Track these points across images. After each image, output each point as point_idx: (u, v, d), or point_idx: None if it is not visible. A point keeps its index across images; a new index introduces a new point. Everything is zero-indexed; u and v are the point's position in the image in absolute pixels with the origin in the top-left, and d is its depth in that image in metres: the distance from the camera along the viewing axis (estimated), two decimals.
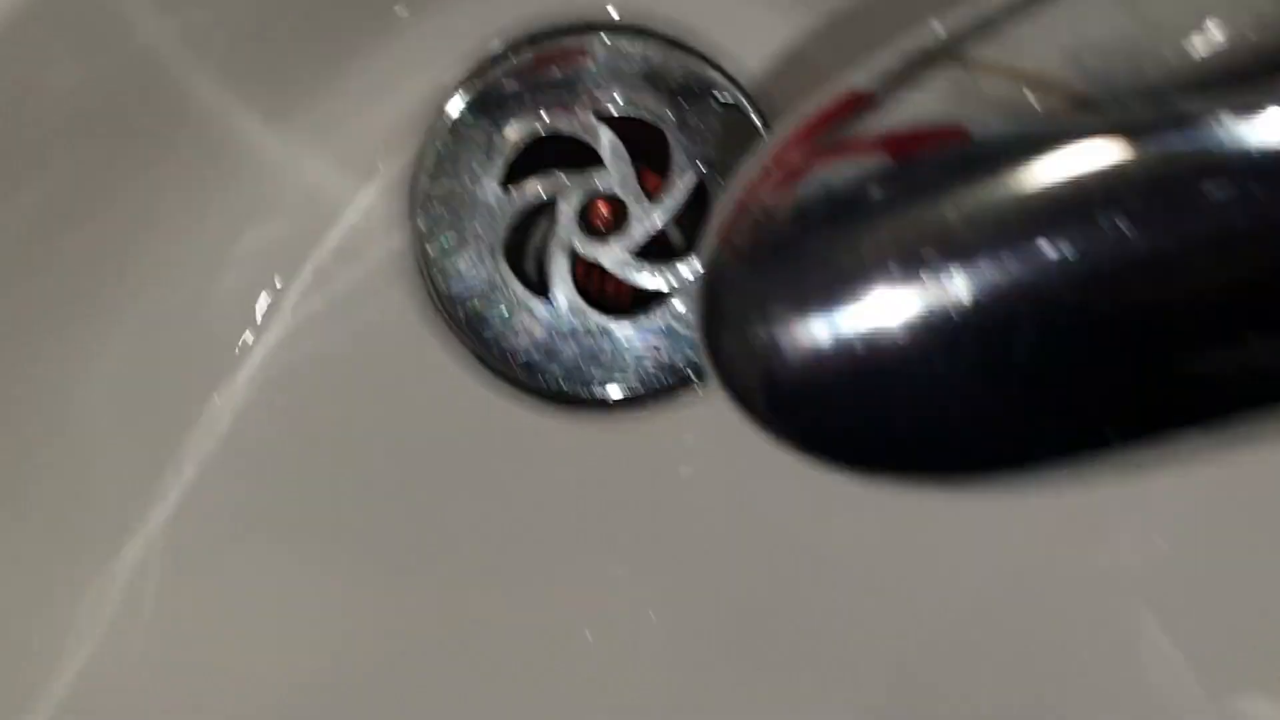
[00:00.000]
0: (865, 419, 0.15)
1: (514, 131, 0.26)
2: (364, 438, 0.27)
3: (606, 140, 0.26)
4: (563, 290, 0.26)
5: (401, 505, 0.27)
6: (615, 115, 0.26)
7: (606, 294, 0.27)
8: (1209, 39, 0.14)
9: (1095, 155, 0.14)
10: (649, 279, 0.26)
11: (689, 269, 0.26)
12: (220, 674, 0.26)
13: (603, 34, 0.25)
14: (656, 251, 0.26)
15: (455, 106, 0.25)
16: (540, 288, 0.26)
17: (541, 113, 0.25)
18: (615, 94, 0.26)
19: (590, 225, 0.26)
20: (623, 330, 0.26)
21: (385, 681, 0.27)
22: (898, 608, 0.27)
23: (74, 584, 0.25)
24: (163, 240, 0.24)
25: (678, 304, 0.26)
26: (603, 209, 0.26)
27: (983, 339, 0.14)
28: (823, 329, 0.15)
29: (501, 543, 0.27)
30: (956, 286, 0.14)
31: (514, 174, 0.26)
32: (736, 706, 0.27)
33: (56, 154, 0.22)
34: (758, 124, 0.25)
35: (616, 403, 0.26)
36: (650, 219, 0.26)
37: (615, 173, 0.26)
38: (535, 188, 0.26)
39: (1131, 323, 0.14)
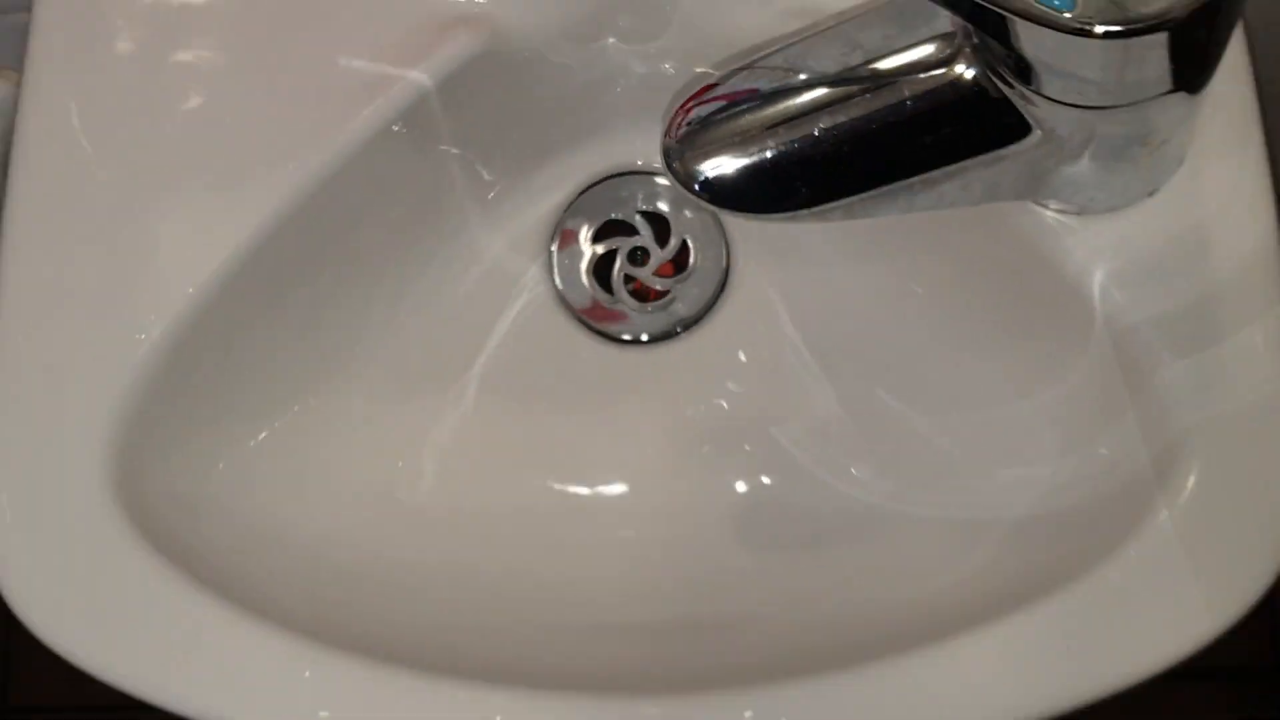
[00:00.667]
0: (731, 192, 0.40)
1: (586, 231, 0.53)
2: (526, 370, 0.51)
3: (640, 222, 0.52)
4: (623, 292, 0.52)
5: (525, 419, 0.51)
6: (646, 209, 0.52)
7: (638, 291, 0.52)
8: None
9: (806, 92, 0.39)
10: (659, 285, 0.52)
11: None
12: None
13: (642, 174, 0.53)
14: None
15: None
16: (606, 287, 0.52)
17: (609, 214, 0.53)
18: (642, 201, 0.53)
19: (634, 259, 0.52)
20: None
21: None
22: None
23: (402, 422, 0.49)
24: (431, 256, 0.51)
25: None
26: (640, 253, 0.52)
27: (806, 160, 0.39)
28: (711, 165, 0.40)
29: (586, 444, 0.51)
30: (760, 146, 0.39)
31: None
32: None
33: (384, 207, 0.49)
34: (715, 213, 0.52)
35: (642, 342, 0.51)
36: (661, 257, 0.52)
37: (645, 236, 0.52)
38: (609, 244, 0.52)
39: (847, 143, 0.38)
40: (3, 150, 0.59)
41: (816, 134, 0.37)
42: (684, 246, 0.52)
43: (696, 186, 0.38)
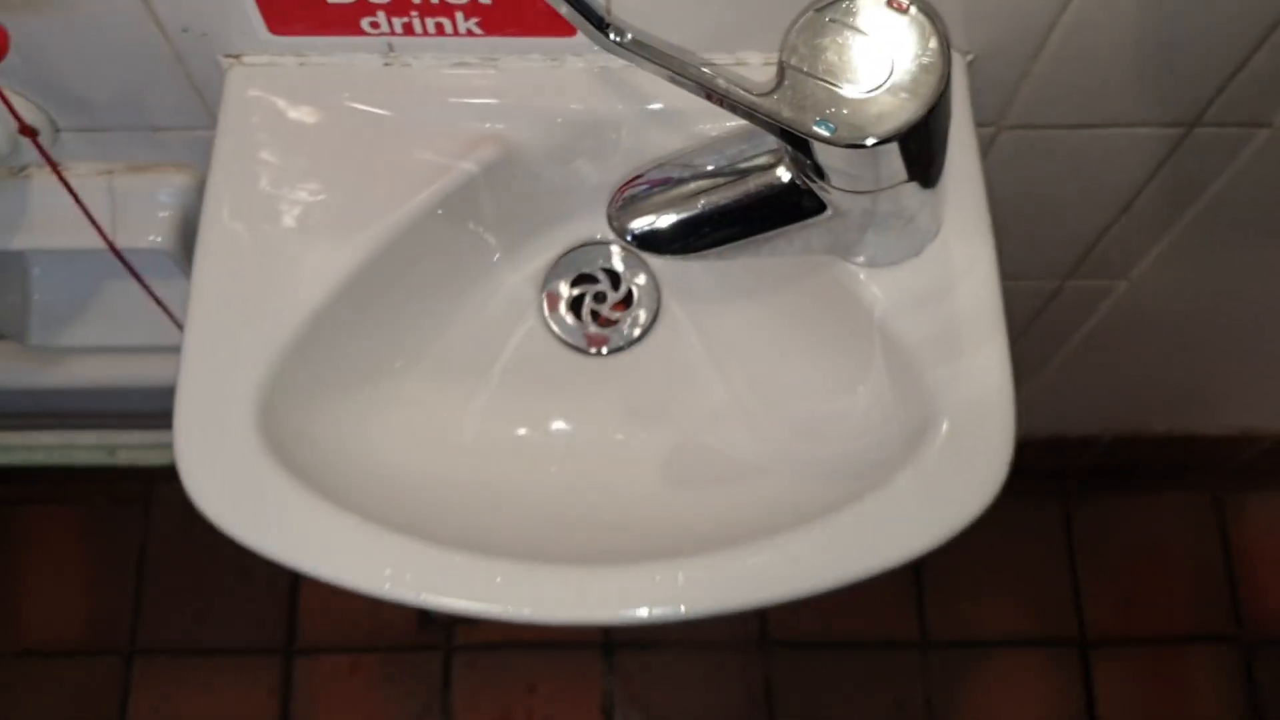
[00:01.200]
0: (649, 240, 0.52)
1: (566, 281, 0.65)
2: (532, 368, 0.63)
3: (601, 274, 0.65)
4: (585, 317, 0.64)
5: (535, 399, 0.63)
6: (605, 267, 0.65)
7: (600, 320, 0.64)
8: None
9: (695, 181, 0.53)
10: (614, 316, 0.64)
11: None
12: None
13: (601, 244, 0.66)
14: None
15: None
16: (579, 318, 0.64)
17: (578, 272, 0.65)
18: (602, 261, 0.65)
19: (597, 299, 0.65)
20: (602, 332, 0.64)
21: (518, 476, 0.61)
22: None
23: (447, 397, 0.60)
24: (461, 295, 0.63)
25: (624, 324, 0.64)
26: (601, 295, 0.64)
27: (694, 221, 0.51)
28: (637, 221, 0.52)
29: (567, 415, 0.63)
30: (668, 212, 0.52)
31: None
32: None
33: (435, 255, 0.61)
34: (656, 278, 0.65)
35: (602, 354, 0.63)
36: (615, 298, 0.64)
37: (605, 284, 0.65)
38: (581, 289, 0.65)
39: (718, 213, 0.51)
40: (182, 216, 0.71)
41: (701, 206, 0.50)
42: (630, 291, 0.64)
43: (628, 237, 0.51)
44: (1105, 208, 0.74)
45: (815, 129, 0.43)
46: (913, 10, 0.44)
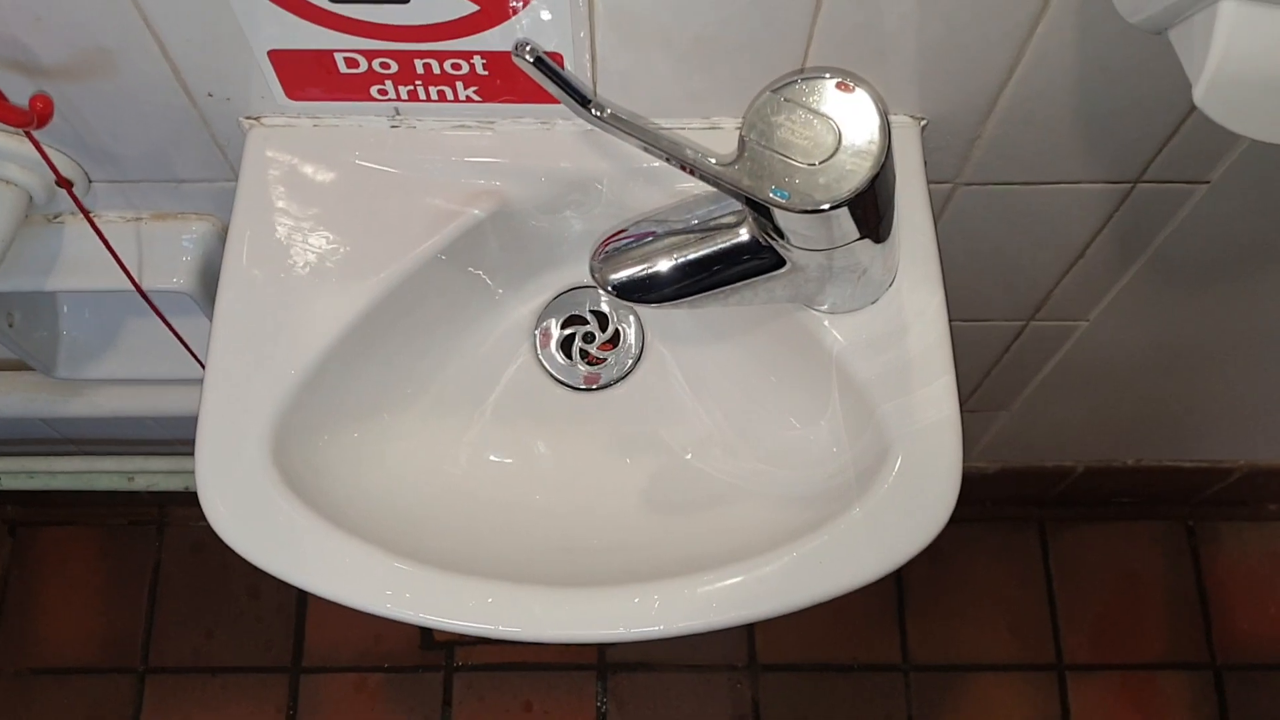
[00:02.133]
0: (628, 289, 0.56)
1: (557, 322, 0.70)
2: (518, 404, 0.68)
3: (590, 316, 0.70)
4: (578, 359, 0.69)
5: (520, 430, 0.67)
6: (594, 309, 0.70)
7: (589, 359, 0.69)
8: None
9: (670, 238, 0.58)
10: (601, 355, 0.69)
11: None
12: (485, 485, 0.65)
13: (589, 288, 0.71)
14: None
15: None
16: (569, 357, 0.69)
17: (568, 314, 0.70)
18: (590, 304, 0.70)
19: (586, 339, 0.69)
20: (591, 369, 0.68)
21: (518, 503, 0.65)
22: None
23: (446, 427, 0.65)
24: (459, 335, 0.68)
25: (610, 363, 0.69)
26: (589, 335, 0.69)
27: (667, 275, 0.56)
28: (617, 274, 0.57)
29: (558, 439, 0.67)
30: (645, 265, 0.57)
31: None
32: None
33: (438, 295, 0.66)
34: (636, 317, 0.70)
35: (590, 389, 0.68)
36: (602, 338, 0.69)
37: (593, 325, 0.70)
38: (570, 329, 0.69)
39: (689, 267, 0.56)
40: (203, 260, 0.76)
41: (674, 261, 0.55)
42: (617, 331, 0.69)
43: (609, 287, 0.56)
44: (1060, 255, 0.79)
45: (772, 196, 0.48)
46: (859, 90, 0.49)
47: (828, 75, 0.49)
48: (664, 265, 0.54)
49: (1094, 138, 0.65)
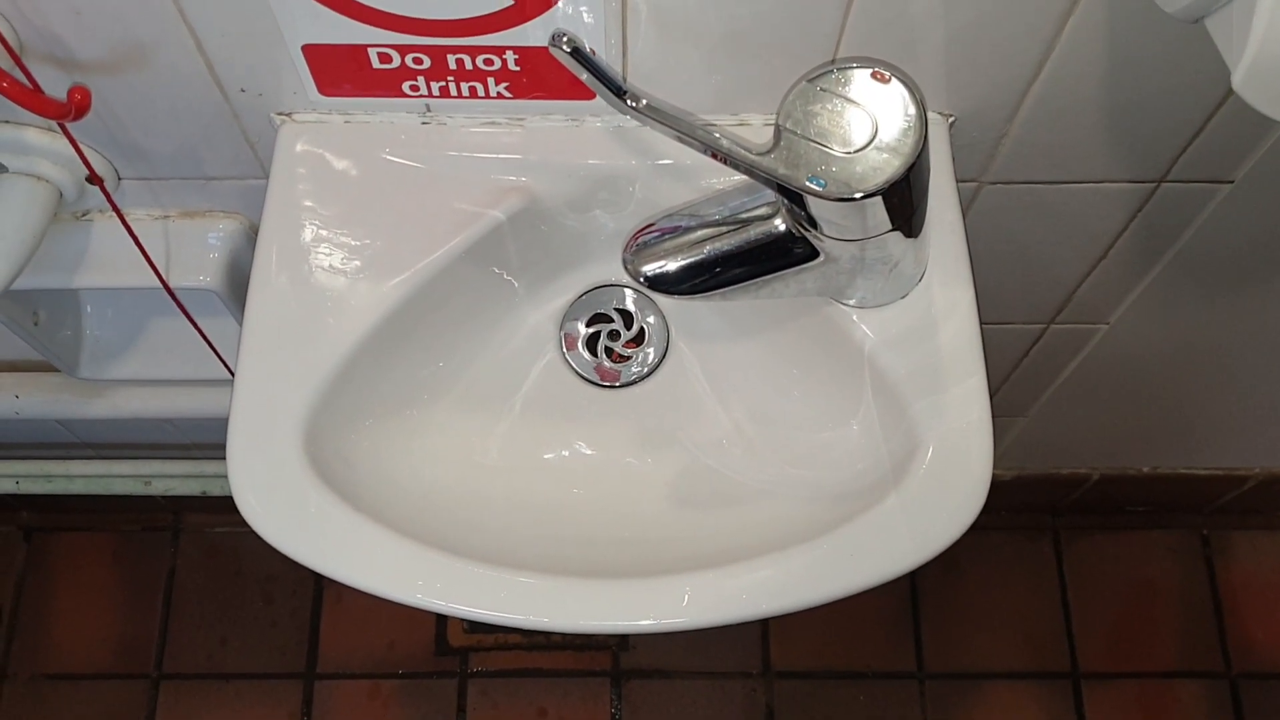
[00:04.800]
0: (660, 281, 0.56)
1: (582, 320, 0.70)
2: (542, 401, 0.68)
3: (615, 314, 0.70)
4: (604, 356, 0.68)
5: (542, 428, 0.67)
6: (619, 307, 0.70)
7: (614, 356, 0.69)
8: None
9: (702, 230, 0.57)
10: (626, 352, 0.69)
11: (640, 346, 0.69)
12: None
13: (615, 286, 0.70)
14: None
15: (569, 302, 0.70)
16: (595, 354, 0.68)
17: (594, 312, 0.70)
18: (616, 302, 0.70)
19: (611, 337, 0.69)
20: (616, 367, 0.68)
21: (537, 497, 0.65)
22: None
23: (476, 421, 0.65)
24: (486, 332, 0.68)
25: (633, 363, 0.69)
26: (614, 333, 0.69)
27: (699, 265, 0.56)
28: (649, 266, 0.57)
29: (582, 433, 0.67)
30: (677, 257, 0.57)
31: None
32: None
33: (466, 294, 0.66)
34: (666, 318, 0.70)
35: (615, 386, 0.68)
36: (628, 336, 0.69)
37: (618, 323, 0.70)
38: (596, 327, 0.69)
39: (722, 258, 0.56)
40: (230, 258, 0.76)
41: (706, 252, 0.55)
42: (642, 329, 0.69)
43: (640, 279, 0.56)
44: (1083, 257, 0.79)
45: (808, 184, 0.48)
46: (894, 80, 0.49)
47: (863, 65, 0.49)
48: (697, 257, 0.54)
49: (1120, 135, 0.65)
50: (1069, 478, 1.21)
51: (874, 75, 0.48)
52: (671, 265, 0.54)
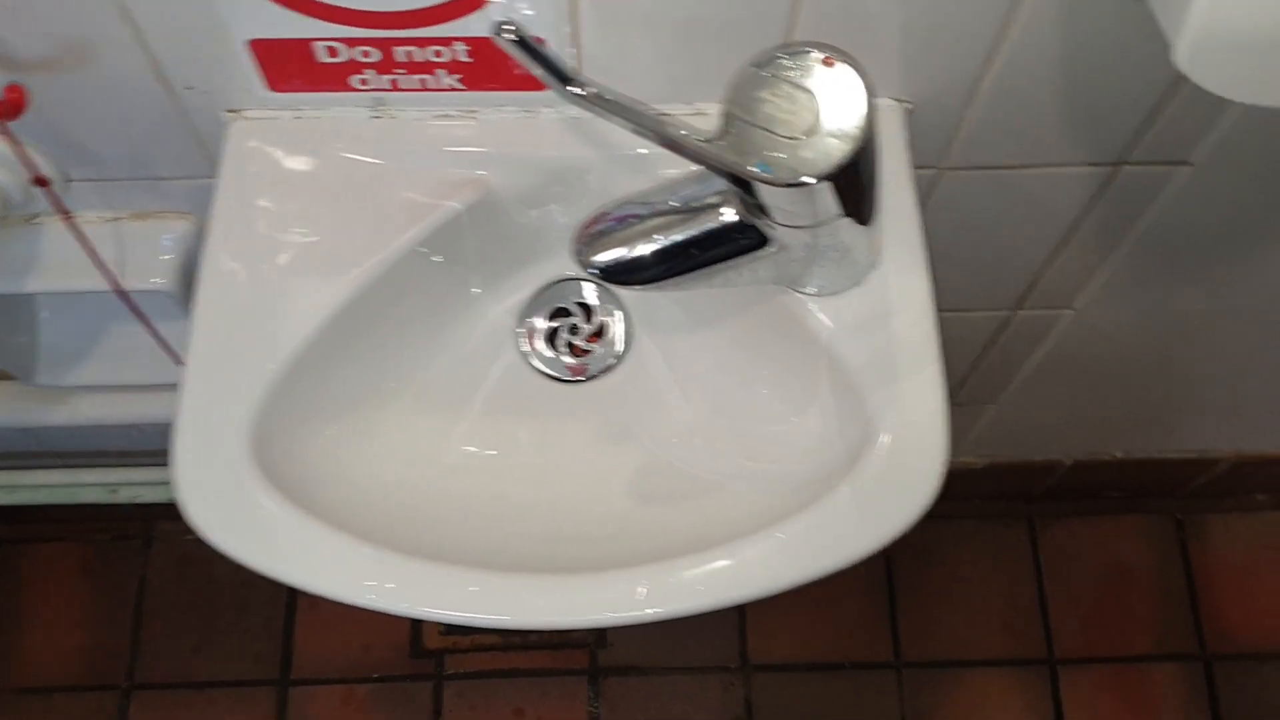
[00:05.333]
0: (612, 272, 0.55)
1: (542, 315, 0.69)
2: (501, 396, 0.67)
3: (575, 308, 0.69)
4: (564, 351, 0.68)
5: (499, 430, 0.66)
6: (579, 301, 0.69)
7: (575, 351, 0.68)
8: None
9: (654, 219, 0.57)
10: (587, 347, 0.68)
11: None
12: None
13: (574, 280, 0.70)
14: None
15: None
16: (555, 349, 0.68)
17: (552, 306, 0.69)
18: (576, 296, 0.69)
19: (571, 331, 0.69)
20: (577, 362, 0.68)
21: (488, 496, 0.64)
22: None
23: (434, 423, 0.64)
24: (444, 329, 0.67)
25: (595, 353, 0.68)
26: (574, 327, 0.69)
27: (652, 255, 0.55)
28: (600, 256, 0.56)
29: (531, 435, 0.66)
30: (629, 247, 0.56)
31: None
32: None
33: (420, 291, 0.65)
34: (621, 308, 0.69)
35: (577, 381, 0.67)
36: (588, 330, 0.68)
37: (578, 317, 0.69)
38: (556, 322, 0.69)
39: (674, 247, 0.56)
40: (183, 260, 0.75)
41: (658, 241, 0.54)
42: (602, 323, 0.68)
43: (593, 270, 0.55)
44: (1046, 241, 0.78)
45: (755, 170, 0.48)
46: (841, 65, 0.48)
47: (810, 49, 0.48)
48: (648, 247, 0.54)
49: (1078, 118, 0.65)
50: (1042, 464, 1.22)
51: (823, 60, 0.48)
52: (623, 256, 0.54)
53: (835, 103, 0.48)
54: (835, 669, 1.25)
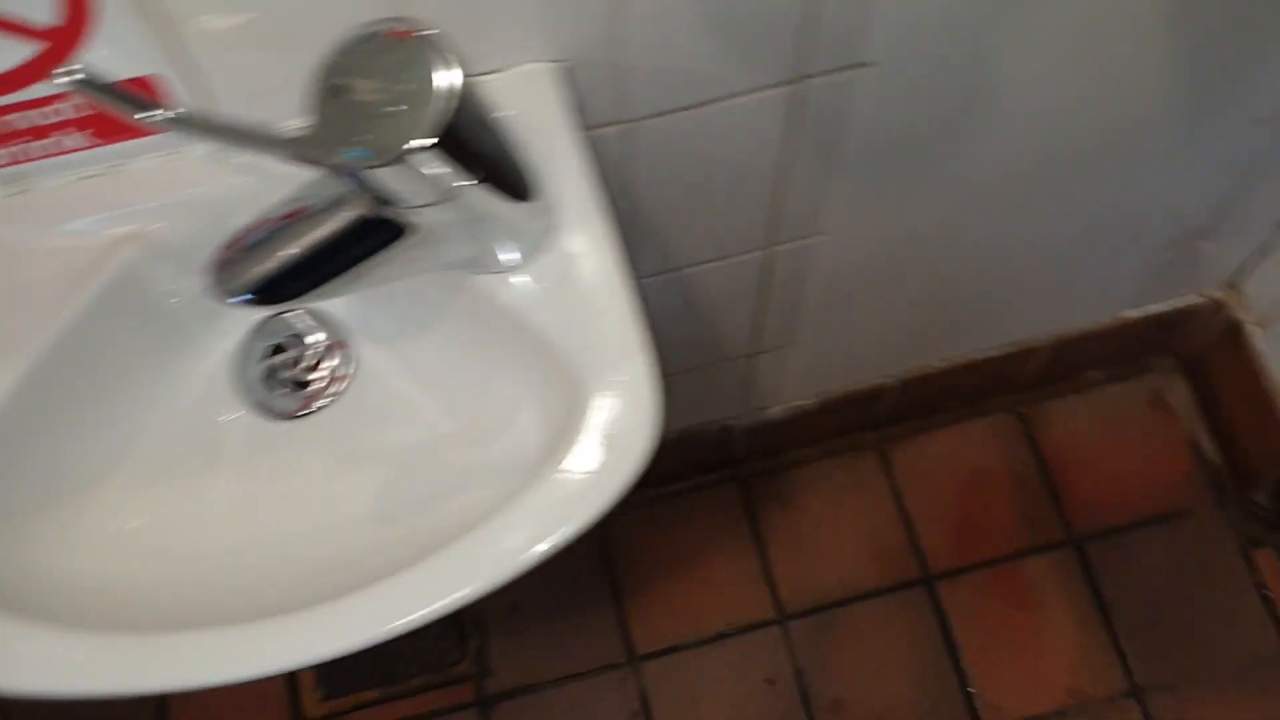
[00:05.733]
0: (263, 294, 0.53)
1: (257, 356, 0.67)
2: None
3: (291, 338, 0.66)
4: (284, 387, 0.65)
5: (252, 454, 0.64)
6: (292, 334, 0.67)
7: (299, 384, 0.66)
8: None
9: (298, 227, 0.55)
10: (308, 378, 0.66)
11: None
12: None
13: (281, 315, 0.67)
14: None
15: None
16: (278, 387, 0.65)
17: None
18: (285, 329, 0.67)
19: (291, 365, 0.66)
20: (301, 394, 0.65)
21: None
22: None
23: (149, 503, 0.61)
24: (149, 392, 0.64)
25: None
26: (292, 361, 0.66)
27: (293, 269, 0.54)
28: (237, 282, 0.53)
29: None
30: (280, 261, 0.54)
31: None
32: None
33: (101, 372, 0.63)
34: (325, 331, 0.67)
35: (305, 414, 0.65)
36: (307, 361, 0.66)
37: (295, 348, 0.66)
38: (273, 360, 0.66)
39: (308, 257, 0.54)
40: None
41: (297, 252, 0.51)
42: (322, 350, 0.66)
43: (233, 299, 0.50)
44: (763, 171, 0.78)
45: (354, 159, 0.46)
46: (415, 35, 0.47)
47: (378, 26, 0.47)
48: (286, 263, 0.51)
49: (735, 44, 0.65)
50: (870, 390, 1.23)
51: (391, 34, 0.46)
52: (261, 277, 0.51)
53: (417, 73, 0.46)
54: (721, 638, 1.25)
